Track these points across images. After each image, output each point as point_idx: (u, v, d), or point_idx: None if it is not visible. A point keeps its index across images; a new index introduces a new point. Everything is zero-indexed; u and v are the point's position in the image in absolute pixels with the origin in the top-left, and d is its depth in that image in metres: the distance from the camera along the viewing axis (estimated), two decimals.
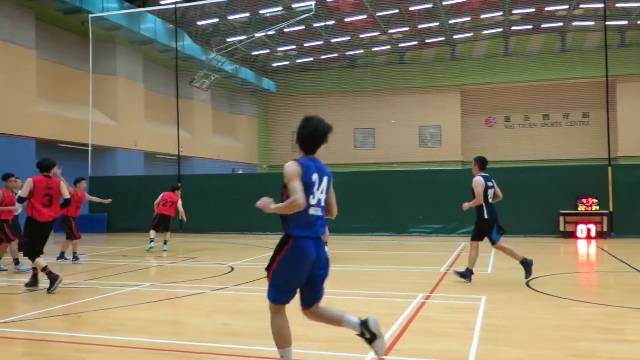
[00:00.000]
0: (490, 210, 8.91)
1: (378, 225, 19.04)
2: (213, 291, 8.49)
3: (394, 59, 42.80)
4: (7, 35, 20.94)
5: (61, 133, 23.54)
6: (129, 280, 9.69)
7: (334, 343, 5.42)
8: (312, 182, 4.23)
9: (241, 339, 5.65)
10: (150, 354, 5.15)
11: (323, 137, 4.39)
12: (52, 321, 6.61)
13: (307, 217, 4.23)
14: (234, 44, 30.48)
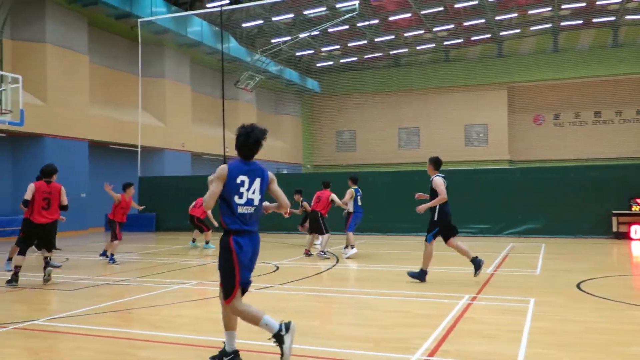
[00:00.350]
0: (444, 211, 9.27)
1: (422, 225, 18.75)
2: (258, 290, 8.58)
3: (438, 57, 42.29)
4: (62, 41, 21.70)
5: (112, 135, 24.23)
6: (177, 279, 9.89)
7: (380, 343, 5.40)
8: (238, 184, 4.67)
9: None
10: (197, 350, 5.24)
11: (256, 144, 4.82)
12: (103, 317, 6.81)
13: (237, 215, 4.67)
14: (279, 45, 30.70)
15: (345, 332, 5.89)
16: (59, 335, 5.96)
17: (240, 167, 4.74)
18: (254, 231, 4.78)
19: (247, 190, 4.72)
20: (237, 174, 4.70)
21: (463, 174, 19.23)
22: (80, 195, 22.04)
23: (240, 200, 4.68)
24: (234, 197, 4.67)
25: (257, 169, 4.84)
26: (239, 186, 4.68)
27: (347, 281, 9.37)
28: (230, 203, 4.68)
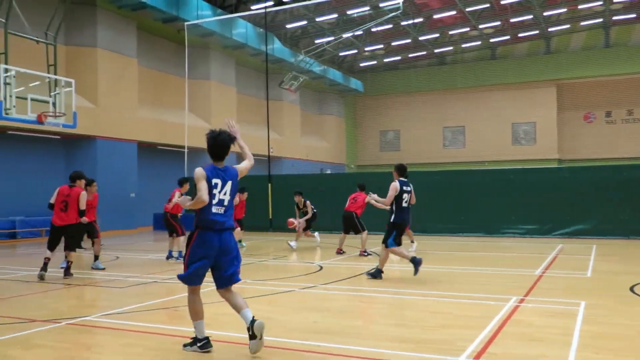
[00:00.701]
0: (399, 216, 9.34)
1: (468, 225, 18.55)
2: (302, 289, 8.63)
3: (484, 55, 41.58)
4: (111, 45, 22.36)
5: (159, 136, 24.79)
6: None
7: (424, 345, 5.36)
8: (213, 185, 5.16)
9: (329, 336, 5.69)
10: (241, 348, 5.31)
11: (223, 148, 5.31)
12: (152, 314, 6.98)
13: (209, 214, 5.15)
14: (322, 45, 30.75)
15: (388, 332, 5.86)
16: (109, 331, 6.14)
17: (213, 171, 5.22)
18: (222, 229, 5.19)
19: (219, 192, 5.20)
20: (212, 177, 5.19)
21: (510, 174, 18.85)
22: (129, 196, 22.65)
23: (214, 200, 5.16)
24: (210, 198, 5.14)
25: (228, 174, 5.31)
26: (213, 188, 5.17)
27: (391, 282, 9.31)
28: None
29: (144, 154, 24.38)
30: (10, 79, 13.28)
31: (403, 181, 9.51)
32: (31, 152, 20.27)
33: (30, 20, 15.67)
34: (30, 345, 5.61)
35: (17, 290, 8.95)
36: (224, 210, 5.24)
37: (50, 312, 7.40)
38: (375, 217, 13.87)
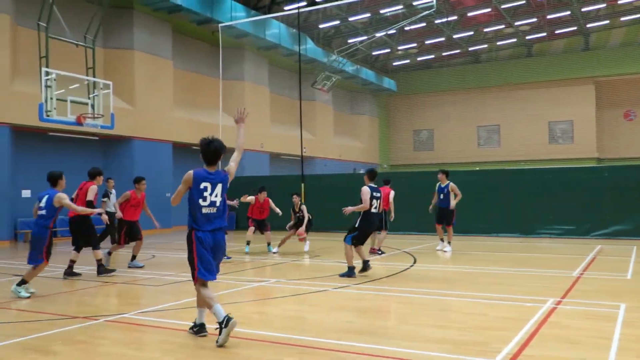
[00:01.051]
0: (365, 220, 9.72)
1: (503, 226, 18.28)
2: (336, 289, 8.64)
3: (520, 52, 40.92)
4: (148, 47, 22.77)
5: (194, 136, 25.06)
6: (256, 277, 10.12)
7: (459, 346, 5.31)
8: (202, 189, 5.61)
9: (363, 337, 5.69)
10: (274, 347, 5.35)
11: (213, 154, 5.75)
12: (187, 312, 7.08)
13: (201, 215, 5.60)
14: (355, 44, 30.69)
15: (423, 333, 5.83)
16: (146, 328, 6.26)
17: (203, 175, 5.67)
18: (216, 229, 5.67)
19: (210, 195, 5.64)
20: (201, 181, 5.63)
21: (547, 173, 18.49)
22: (165, 195, 23.01)
23: (204, 202, 5.61)
24: (199, 200, 5.60)
25: (218, 177, 5.72)
26: (203, 191, 5.61)
27: (425, 282, 9.25)
28: (195, 205, 5.61)
29: (179, 154, 24.75)
30: (51, 82, 13.64)
31: (373, 187, 9.88)
32: (71, 152, 20.77)
33: (70, 24, 16.06)
34: (71, 341, 5.76)
35: (58, 288, 9.20)
36: (216, 211, 5.68)
37: (90, 309, 7.59)
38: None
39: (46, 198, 8.38)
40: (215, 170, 5.76)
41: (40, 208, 8.40)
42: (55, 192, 8.46)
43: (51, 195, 8.38)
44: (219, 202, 5.69)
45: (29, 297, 8.13)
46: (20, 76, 18.51)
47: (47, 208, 8.35)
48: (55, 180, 8.60)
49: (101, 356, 5.23)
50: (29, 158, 19.43)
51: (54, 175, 8.64)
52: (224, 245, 5.81)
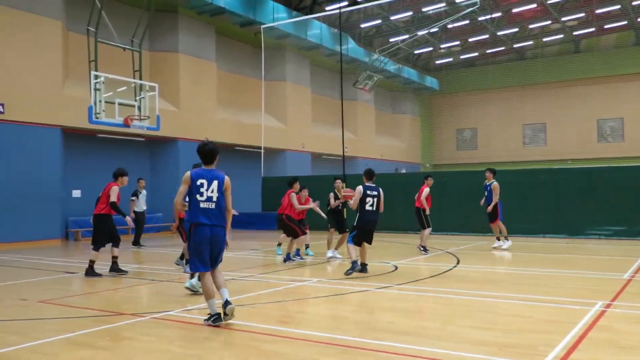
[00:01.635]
0: (361, 219, 9.90)
1: (550, 226, 17.83)
2: (377, 289, 8.60)
3: (567, 49, 39.87)
4: (192, 50, 23.19)
5: (237, 137, 25.44)
6: (298, 276, 10.18)
7: (504, 348, 5.21)
8: (198, 185, 6.13)
9: (405, 337, 5.65)
10: (317, 347, 5.37)
11: (210, 153, 6.28)
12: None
13: (199, 209, 6.14)
14: (397, 43, 30.51)
15: (466, 335, 5.75)
16: (189, 326, 6.37)
17: (199, 173, 6.20)
18: (213, 224, 6.15)
19: (207, 190, 6.14)
20: (198, 178, 6.16)
21: (596, 172, 17.95)
22: None
23: (201, 197, 6.13)
24: (196, 195, 6.13)
25: (215, 174, 6.24)
26: (199, 187, 6.12)
27: (468, 283, 9.12)
28: (194, 200, 6.14)
29: (223, 155, 24.97)
30: (100, 85, 14.04)
31: (367, 186, 10.01)
32: (118, 154, 21.34)
33: (118, 28, 16.50)
34: (118, 337, 5.92)
35: (106, 285, 9.46)
36: (215, 206, 6.17)
37: (137, 306, 7.78)
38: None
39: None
40: (210, 170, 6.28)
41: None
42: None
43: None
44: (215, 198, 6.16)
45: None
46: (70, 80, 19.13)
47: None
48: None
49: (147, 353, 5.35)
50: (79, 159, 20.06)
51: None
52: (223, 239, 6.27)
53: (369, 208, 9.94)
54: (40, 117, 17.67)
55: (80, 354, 5.32)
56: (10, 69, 16.94)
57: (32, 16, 17.50)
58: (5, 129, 16.76)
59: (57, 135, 18.34)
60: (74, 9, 19.43)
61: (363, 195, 9.91)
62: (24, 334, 6.11)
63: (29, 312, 7.24)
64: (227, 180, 6.31)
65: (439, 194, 19.44)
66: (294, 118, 29.25)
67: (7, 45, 16.90)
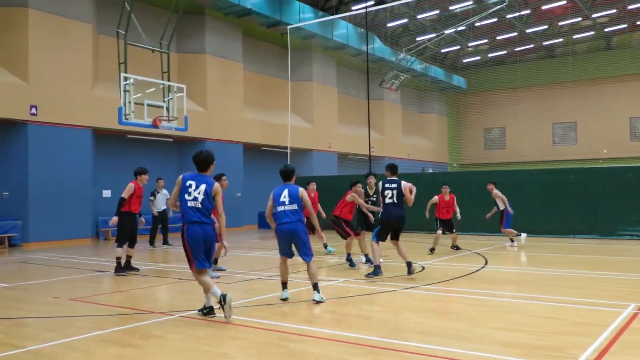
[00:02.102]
0: (384, 212, 9.86)
1: (580, 227, 17.51)
2: (404, 289, 8.57)
3: (598, 46, 39.12)
4: (219, 51, 23.39)
5: (263, 137, 25.58)
6: (324, 276, 10.19)
7: (534, 351, 5.15)
8: (187, 186, 6.66)
9: (432, 338, 5.62)
10: (344, 347, 5.37)
11: (202, 163, 6.83)
12: (257, 310, 7.23)
13: (188, 207, 6.62)
14: (424, 42, 30.32)
15: (495, 336, 5.69)
16: (217, 325, 6.43)
17: (190, 176, 6.75)
18: (203, 222, 6.59)
19: (194, 191, 6.62)
20: (187, 180, 6.70)
21: (628, 172, 17.57)
22: (236, 195, 23.56)
23: (189, 197, 6.62)
24: (184, 195, 6.64)
25: (204, 179, 6.75)
26: (188, 187, 6.64)
27: (497, 284, 9.01)
28: (182, 200, 6.64)
29: (249, 155, 25.26)
30: (129, 87, 14.25)
31: (387, 179, 9.98)
32: (148, 154, 21.64)
33: (146, 31, 16.73)
34: (148, 335, 6.01)
35: (135, 284, 9.61)
36: (201, 206, 6.62)
37: (166, 305, 7.89)
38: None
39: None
40: (202, 175, 6.80)
41: None
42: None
43: None
44: (200, 199, 6.62)
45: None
46: (101, 82, 19.47)
47: None
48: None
49: (176, 351, 5.42)
50: (109, 159, 20.39)
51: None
52: (213, 236, 6.71)
53: (389, 201, 9.82)
54: (72, 118, 18.03)
55: (111, 350, 5.42)
56: (42, 71, 17.32)
57: (64, 20, 17.87)
58: (38, 131, 17.14)
59: (88, 136, 18.68)
60: (104, 12, 19.77)
61: (382, 189, 9.90)
62: (57, 330, 6.24)
63: (61, 309, 7.39)
64: (217, 186, 6.78)
65: (465, 194, 19.27)
66: (320, 118, 29.29)
67: (40, 48, 17.29)
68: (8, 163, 17.31)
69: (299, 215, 7.53)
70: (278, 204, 7.53)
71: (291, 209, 7.50)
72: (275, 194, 7.62)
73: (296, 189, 7.60)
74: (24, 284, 9.63)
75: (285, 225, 7.51)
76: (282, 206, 7.52)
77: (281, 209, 7.53)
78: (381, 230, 9.90)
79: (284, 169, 7.82)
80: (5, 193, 17.13)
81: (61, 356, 5.26)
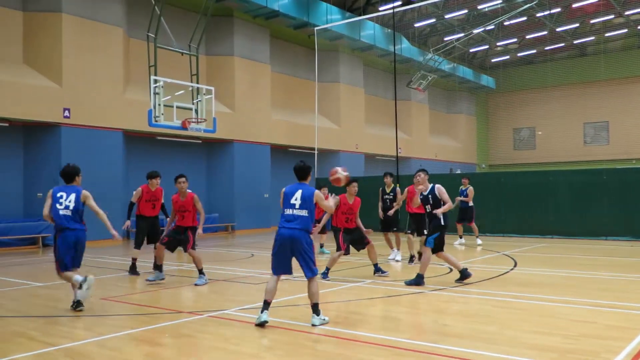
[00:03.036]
0: (447, 217, 9.17)
1: (614, 228, 17.14)
2: (432, 291, 8.52)
3: (632, 43, 38.24)
4: (247, 53, 23.57)
5: (291, 138, 25.68)
6: (350, 277, 10.18)
7: (565, 354, 5.07)
8: (58, 197, 7.43)
9: (460, 340, 5.57)
10: (370, 348, 5.37)
11: (66, 175, 7.65)
12: (284, 310, 7.26)
13: (60, 216, 7.36)
14: (452, 42, 30.08)
15: (526, 339, 5.61)
16: (245, 325, 6.48)
17: (60, 188, 7.51)
18: (72, 228, 7.28)
19: (65, 200, 7.36)
20: (58, 191, 7.46)
21: None
22: (263, 196, 23.72)
23: (60, 206, 7.33)
24: (56, 205, 7.34)
25: (73, 189, 7.52)
26: (59, 198, 7.39)
27: (527, 286, 8.89)
28: (54, 209, 7.32)
29: (277, 156, 25.39)
30: (159, 89, 14.44)
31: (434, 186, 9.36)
32: (177, 156, 21.92)
33: (176, 34, 16.95)
34: (177, 334, 6.09)
35: (166, 284, 9.74)
36: (71, 213, 7.31)
37: (194, 304, 7.98)
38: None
39: None
40: (71, 186, 7.56)
41: None
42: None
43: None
44: (72, 207, 7.33)
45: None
46: (131, 85, 19.79)
47: None
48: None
49: (205, 350, 5.49)
50: (139, 161, 20.69)
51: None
52: (84, 241, 7.42)
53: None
54: (103, 121, 18.37)
55: (142, 349, 5.50)
56: (75, 75, 17.69)
57: (95, 24, 18.22)
58: (71, 133, 17.50)
59: (119, 138, 19.00)
60: (134, 16, 20.09)
61: (438, 194, 9.14)
62: (90, 329, 6.37)
63: (93, 308, 7.54)
64: (85, 193, 7.47)
65: (495, 195, 19.05)
66: (348, 119, 29.27)
67: (73, 52, 17.66)
68: (42, 165, 17.71)
69: (306, 224, 6.43)
70: (287, 205, 6.51)
71: (300, 214, 6.43)
72: (287, 193, 6.60)
73: (311, 191, 6.52)
74: (57, 283, 9.84)
75: (288, 230, 6.39)
76: (290, 209, 6.48)
77: (289, 212, 6.48)
78: (441, 237, 9.08)
79: (299, 165, 6.75)
80: (39, 194, 17.53)
81: (94, 354, 5.37)
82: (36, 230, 16.96)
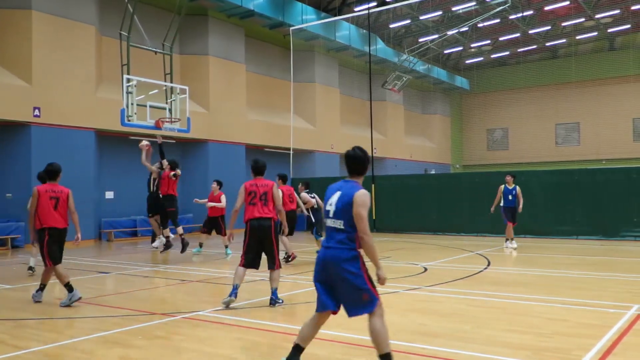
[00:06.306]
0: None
1: (584, 228, 17.45)
2: (407, 291, 8.55)
3: (602, 46, 39.04)
4: (222, 53, 23.40)
5: (266, 139, 25.58)
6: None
7: (538, 352, 5.13)
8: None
9: (437, 339, 5.60)
10: (344, 348, 5.36)
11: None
12: (261, 311, 7.22)
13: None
14: (426, 43, 30.31)
15: (500, 338, 5.67)
16: (220, 326, 6.42)
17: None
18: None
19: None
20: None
21: (632, 172, 17.51)
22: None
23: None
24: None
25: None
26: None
27: (501, 285, 8.99)
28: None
29: (252, 156, 25.15)
30: (132, 88, 14.24)
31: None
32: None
33: (149, 33, 16.74)
34: (150, 336, 6.01)
35: (138, 285, 9.61)
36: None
37: (168, 306, 7.88)
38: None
39: None
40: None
41: None
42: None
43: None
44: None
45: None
46: (104, 83, 19.49)
47: None
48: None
49: (179, 352, 5.42)
50: (112, 161, 20.40)
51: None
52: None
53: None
54: (75, 120, 18.04)
55: (114, 352, 5.41)
56: (46, 73, 17.34)
57: (67, 22, 17.88)
58: (41, 132, 17.15)
59: (91, 137, 18.69)
60: (107, 14, 19.78)
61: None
62: (61, 332, 6.25)
63: (64, 310, 7.39)
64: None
65: (470, 195, 19.25)
66: (323, 119, 29.29)
67: (43, 50, 17.31)
68: (11, 165, 17.32)
69: (351, 244, 4.50)
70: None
71: (337, 227, 4.51)
72: (328, 192, 4.68)
73: (352, 192, 4.45)
74: (27, 285, 9.63)
75: (330, 250, 4.53)
76: (326, 218, 4.65)
77: (330, 223, 4.57)
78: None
79: (355, 152, 4.63)
80: (8, 195, 17.15)
81: (66, 357, 5.26)
82: (5, 231, 16.58)
